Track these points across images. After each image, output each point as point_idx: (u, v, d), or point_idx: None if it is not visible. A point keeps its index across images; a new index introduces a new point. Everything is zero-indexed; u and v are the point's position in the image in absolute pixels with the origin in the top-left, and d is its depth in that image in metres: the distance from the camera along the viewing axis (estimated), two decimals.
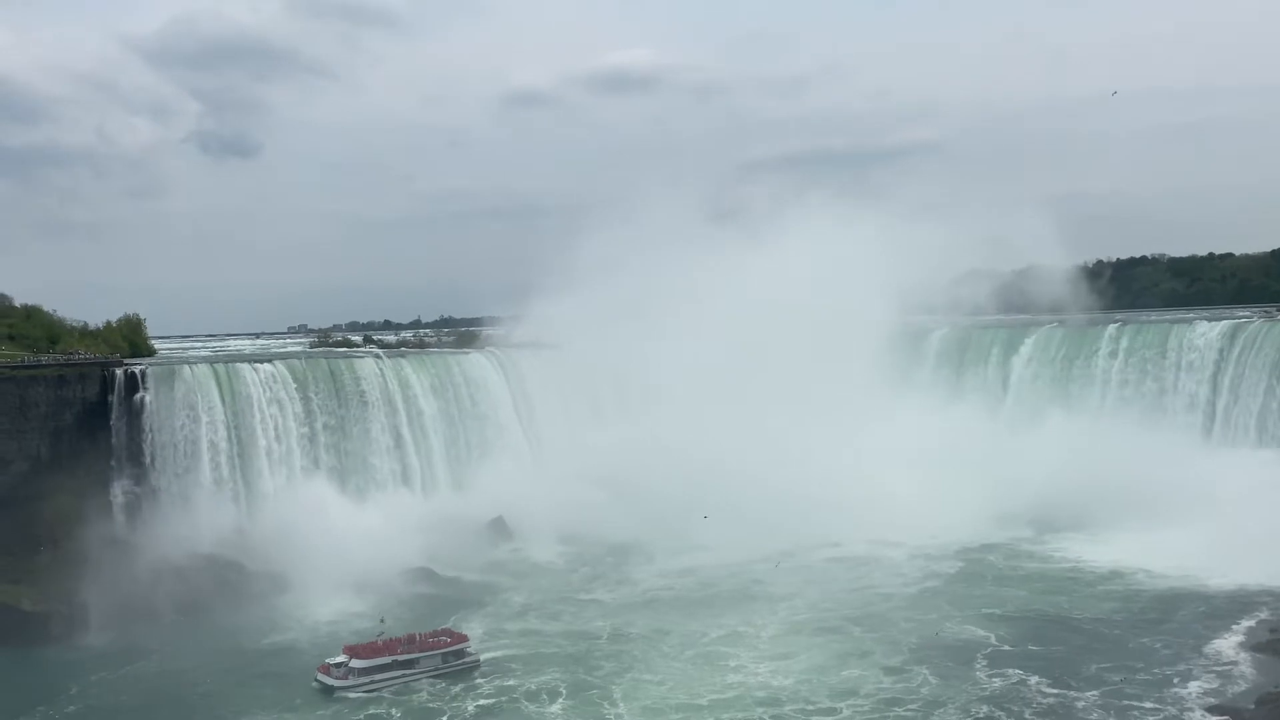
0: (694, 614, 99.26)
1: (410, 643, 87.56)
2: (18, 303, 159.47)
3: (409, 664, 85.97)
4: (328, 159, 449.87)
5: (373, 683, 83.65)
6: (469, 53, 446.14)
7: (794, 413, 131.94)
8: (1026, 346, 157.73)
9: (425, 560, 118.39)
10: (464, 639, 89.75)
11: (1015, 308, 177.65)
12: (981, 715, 74.13)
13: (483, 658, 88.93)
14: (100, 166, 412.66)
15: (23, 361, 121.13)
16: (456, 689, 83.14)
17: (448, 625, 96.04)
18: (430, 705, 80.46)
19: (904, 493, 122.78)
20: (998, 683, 79.55)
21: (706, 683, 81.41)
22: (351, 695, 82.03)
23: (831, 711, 75.83)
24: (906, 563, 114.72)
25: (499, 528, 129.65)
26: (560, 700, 79.35)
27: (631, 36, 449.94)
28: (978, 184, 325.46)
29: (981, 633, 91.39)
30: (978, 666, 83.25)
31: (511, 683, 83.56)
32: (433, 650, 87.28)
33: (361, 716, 78.95)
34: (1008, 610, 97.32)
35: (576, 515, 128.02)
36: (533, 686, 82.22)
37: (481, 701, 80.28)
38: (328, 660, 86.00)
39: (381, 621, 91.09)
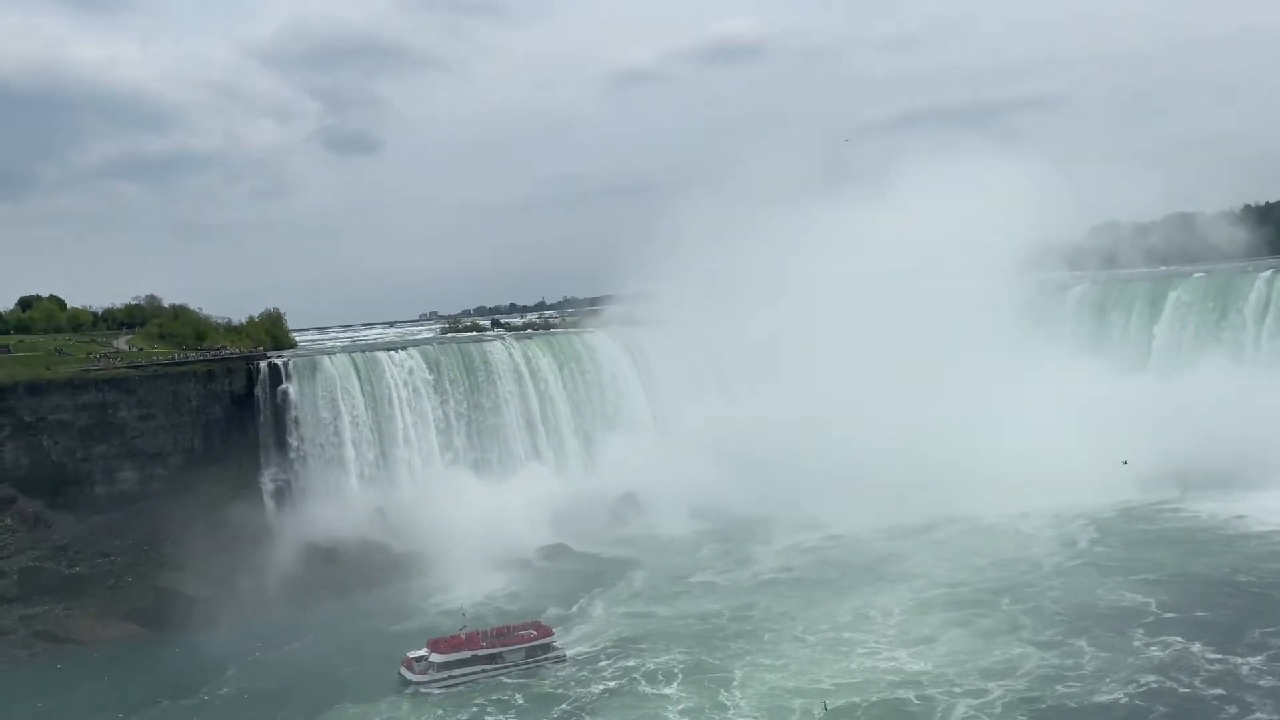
0: (822, 592, 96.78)
1: (496, 636, 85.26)
2: (166, 303, 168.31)
3: (491, 659, 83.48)
4: (446, 149, 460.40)
5: (451, 678, 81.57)
6: (575, 35, 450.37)
7: (925, 376, 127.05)
8: (1172, 298, 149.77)
9: (559, 537, 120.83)
10: (549, 632, 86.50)
11: (1157, 258, 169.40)
12: (1150, 687, 69.92)
13: (581, 648, 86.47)
14: (230, 169, 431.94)
15: (173, 359, 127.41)
16: (583, 673, 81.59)
17: (563, 603, 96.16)
18: (555, 691, 78.82)
19: (1044, 456, 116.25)
20: (1159, 652, 75.46)
21: (831, 666, 78.24)
22: (425, 691, 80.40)
23: (980, 693, 71.23)
24: (1049, 529, 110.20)
25: (629, 503, 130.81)
26: (676, 683, 77.85)
27: (736, 5, 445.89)
28: (1106, 133, 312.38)
29: (1139, 599, 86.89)
30: (1137, 635, 78.91)
31: (633, 663, 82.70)
32: (517, 644, 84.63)
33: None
34: (1163, 574, 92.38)
35: (705, 490, 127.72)
36: (652, 667, 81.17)
37: (606, 684, 79.20)
38: (409, 654, 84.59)
39: (463, 614, 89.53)
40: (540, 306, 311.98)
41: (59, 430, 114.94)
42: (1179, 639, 77.44)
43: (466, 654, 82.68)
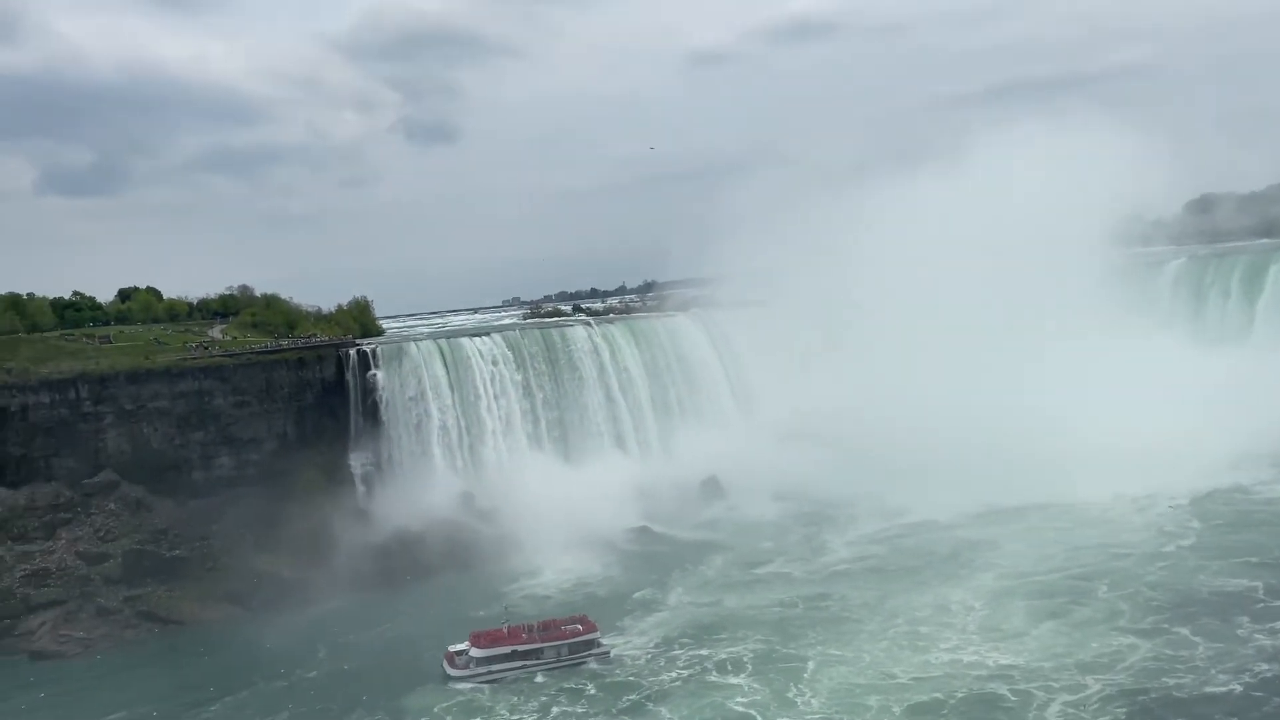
0: (905, 580, 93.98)
1: (541, 630, 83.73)
2: (258, 292, 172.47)
3: (531, 654, 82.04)
4: (523, 135, 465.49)
5: (489, 673, 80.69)
6: (647, 18, 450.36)
7: (1013, 355, 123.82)
8: (1274, 272, 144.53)
9: (643, 519, 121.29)
10: (594, 628, 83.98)
11: (1256, 231, 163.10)
12: (1265, 676, 66.39)
13: (657, 633, 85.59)
14: (315, 160, 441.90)
15: (266, 347, 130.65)
16: (657, 661, 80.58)
17: (645, 587, 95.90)
18: (627, 680, 77.97)
19: (1137, 437, 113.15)
20: (1267, 640, 71.78)
21: (909, 661, 75.07)
22: (460, 686, 79.82)
23: (1078, 688, 67.64)
24: (1143, 513, 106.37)
25: (712, 487, 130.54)
26: (745, 673, 76.47)
27: None
28: (1202, 102, 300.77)
29: (1245, 583, 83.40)
30: (1244, 622, 75.39)
31: (706, 651, 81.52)
32: (559, 640, 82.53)
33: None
34: (1267, 558, 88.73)
35: (789, 472, 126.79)
36: (724, 656, 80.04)
37: (679, 672, 78.23)
38: (450, 647, 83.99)
39: (505, 610, 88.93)
40: (621, 290, 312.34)
41: (158, 418, 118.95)
42: None
43: (506, 649, 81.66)
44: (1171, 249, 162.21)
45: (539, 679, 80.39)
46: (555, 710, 74.79)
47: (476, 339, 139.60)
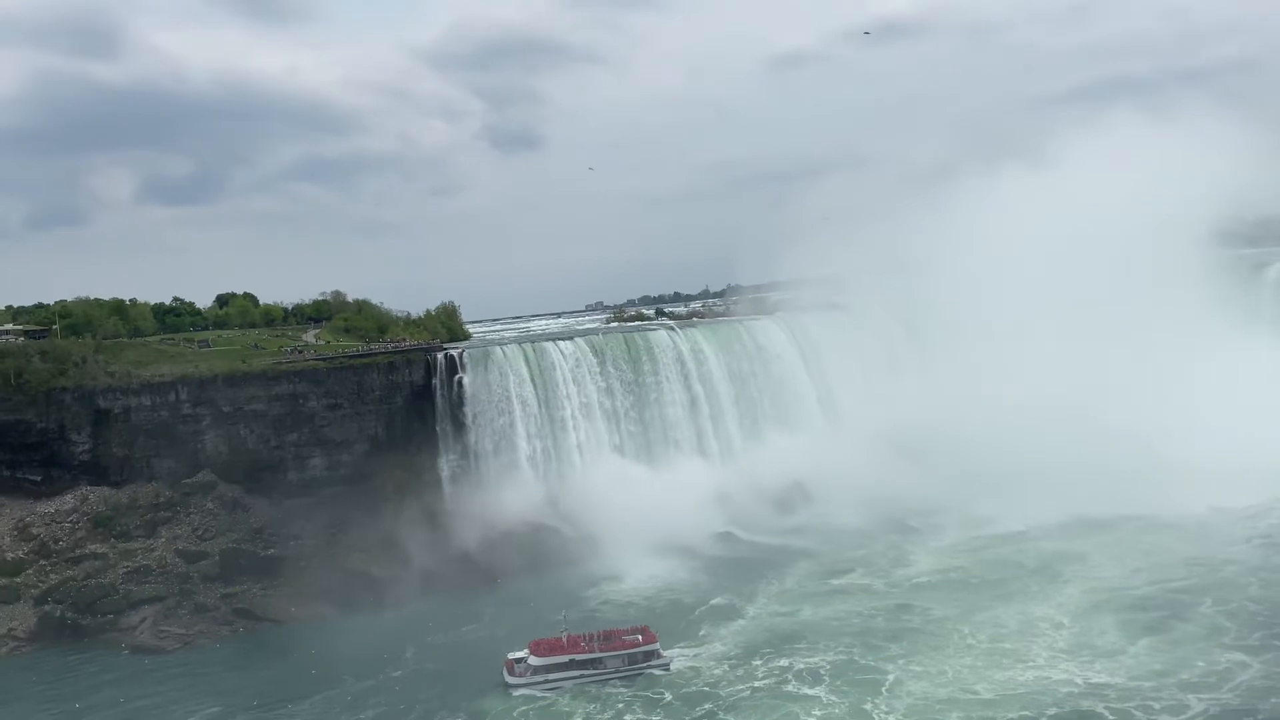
0: (989, 592, 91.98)
1: (601, 640, 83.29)
2: (349, 298, 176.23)
3: (590, 664, 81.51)
4: (606, 140, 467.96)
5: (547, 681, 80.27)
6: (730, 20, 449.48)
7: (1106, 359, 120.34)
8: None
9: (727, 524, 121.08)
10: (654, 639, 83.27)
11: None
12: None
13: (738, 640, 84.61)
14: (405, 168, 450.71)
15: (358, 351, 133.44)
16: (738, 670, 79.87)
17: (726, 593, 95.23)
18: (703, 690, 77.40)
19: (1236, 447, 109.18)
20: None
21: (993, 677, 72.95)
22: (517, 694, 79.86)
23: (1180, 709, 65.04)
24: (1247, 524, 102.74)
25: (798, 492, 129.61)
26: (823, 685, 75.34)
27: None
28: None
29: None
30: None
31: (785, 662, 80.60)
32: (618, 650, 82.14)
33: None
34: None
35: (875, 479, 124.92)
36: (803, 666, 79.09)
37: (757, 683, 77.44)
38: (510, 655, 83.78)
39: (563, 617, 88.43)
40: (704, 294, 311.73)
41: (254, 420, 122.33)
42: None
43: (565, 658, 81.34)
44: (1276, 251, 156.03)
45: (615, 687, 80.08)
46: (629, 718, 74.68)
47: (560, 343, 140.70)
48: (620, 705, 77.28)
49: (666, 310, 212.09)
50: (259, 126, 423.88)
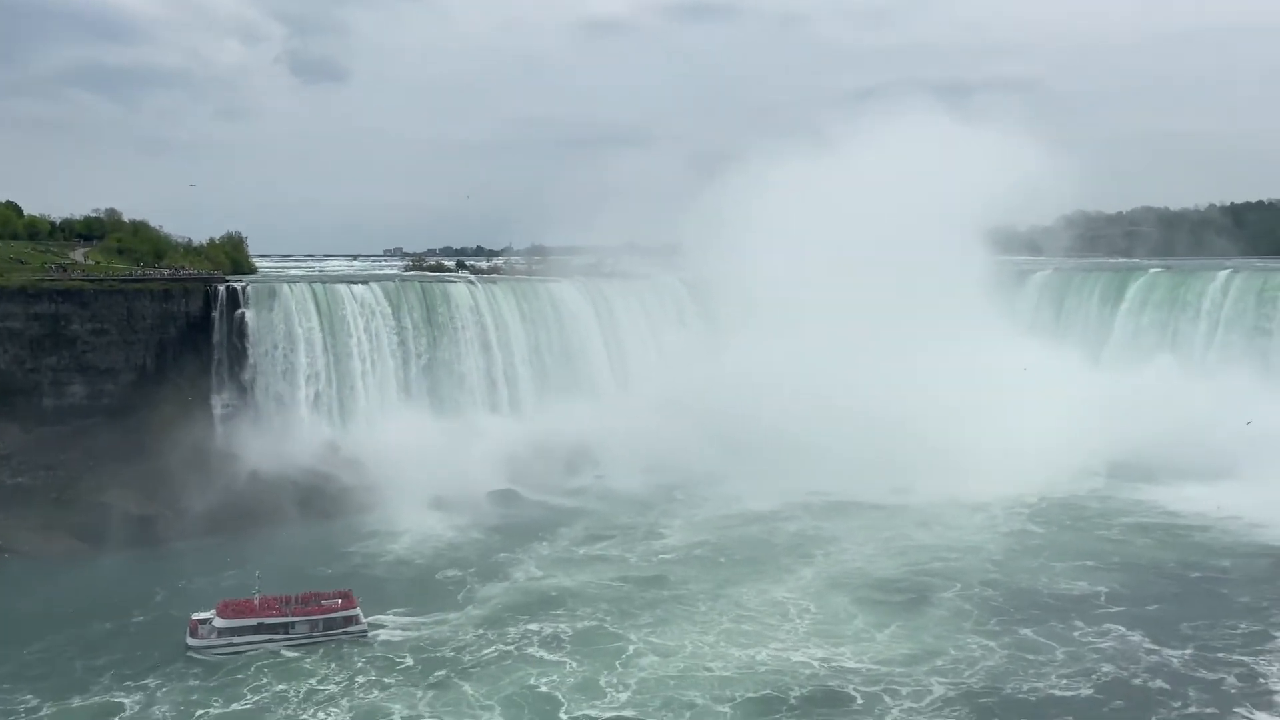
0: (738, 570, 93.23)
1: (298, 603, 79.00)
2: (126, 218, 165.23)
3: (279, 628, 77.05)
4: (414, 82, 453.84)
5: (232, 645, 75.43)
6: None
7: (879, 341, 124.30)
8: (1132, 290, 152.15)
9: (510, 483, 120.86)
10: (353, 605, 79.55)
11: (1120, 250, 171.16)
12: (1108, 678, 68.79)
13: (495, 602, 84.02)
14: (195, 87, 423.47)
15: (131, 275, 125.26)
16: (491, 632, 77.77)
17: (500, 552, 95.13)
18: (450, 655, 74.22)
19: (995, 439, 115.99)
20: (1110, 643, 74.81)
21: (732, 655, 72.94)
22: (201, 657, 74.34)
23: (923, 693, 66.85)
24: (991, 513, 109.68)
25: (584, 455, 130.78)
26: (565, 651, 74.51)
27: None
28: (1078, 121, 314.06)
29: (1084, 586, 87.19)
30: (1085, 624, 78.37)
31: (535, 626, 79.56)
32: (311, 615, 78.21)
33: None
34: (1109, 563, 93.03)
35: (661, 446, 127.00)
36: (550, 632, 78.12)
37: (505, 647, 75.75)
38: (194, 615, 78.88)
39: (256, 577, 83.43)
40: (508, 251, 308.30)
41: (9, 339, 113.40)
42: (1120, 626, 77.86)
43: (253, 621, 77.06)
44: (1039, 260, 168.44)
45: (309, 653, 75.54)
46: (360, 680, 70.84)
47: (354, 286, 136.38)
48: (361, 662, 73.86)
49: (468, 264, 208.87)
50: (32, 24, 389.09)
